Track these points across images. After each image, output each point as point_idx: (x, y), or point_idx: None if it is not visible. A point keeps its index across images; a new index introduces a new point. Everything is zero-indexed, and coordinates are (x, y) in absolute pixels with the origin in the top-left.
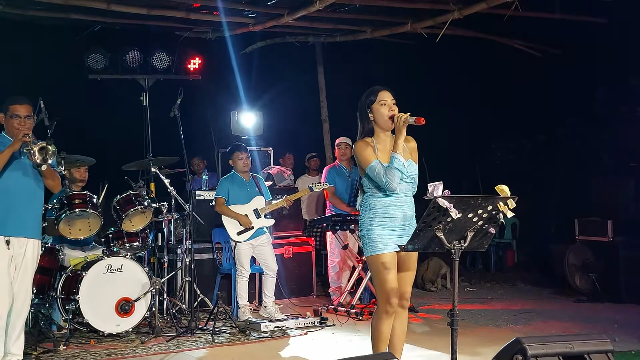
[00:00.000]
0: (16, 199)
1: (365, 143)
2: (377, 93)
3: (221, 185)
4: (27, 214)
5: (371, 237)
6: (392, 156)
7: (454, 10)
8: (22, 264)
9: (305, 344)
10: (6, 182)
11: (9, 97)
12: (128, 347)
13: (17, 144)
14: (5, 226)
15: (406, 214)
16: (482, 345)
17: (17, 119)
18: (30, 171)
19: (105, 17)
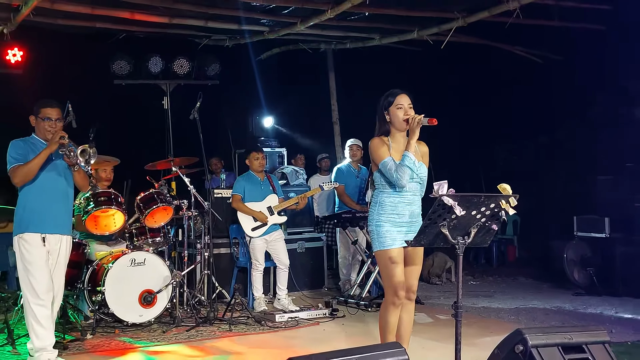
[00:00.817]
0: (51, 197)
1: (381, 141)
2: (395, 96)
3: (238, 184)
4: (61, 212)
5: (380, 232)
6: (404, 154)
7: (458, 18)
8: (57, 259)
9: (317, 334)
10: (42, 182)
11: (40, 100)
12: (150, 336)
13: (54, 146)
14: (43, 224)
15: (413, 211)
16: (484, 336)
17: (48, 121)
18: (62, 171)
19: (129, 26)
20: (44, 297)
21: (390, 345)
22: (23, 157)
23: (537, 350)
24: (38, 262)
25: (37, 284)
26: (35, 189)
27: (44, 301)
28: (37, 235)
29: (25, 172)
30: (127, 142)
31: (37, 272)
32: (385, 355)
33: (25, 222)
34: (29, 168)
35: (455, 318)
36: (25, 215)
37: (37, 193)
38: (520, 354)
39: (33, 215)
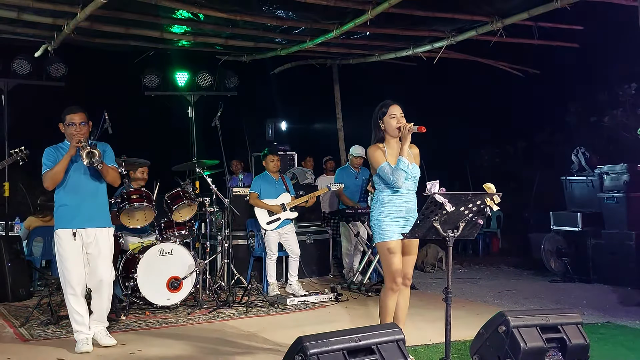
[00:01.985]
0: (81, 195)
1: (377, 147)
2: (389, 107)
3: (255, 183)
4: (93, 207)
5: (380, 226)
6: (399, 159)
7: (449, 37)
8: (95, 250)
9: (324, 316)
10: (72, 182)
11: (66, 108)
12: (177, 317)
13: (72, 150)
14: (74, 220)
15: (410, 207)
16: (471, 317)
17: (73, 126)
18: (91, 170)
19: (159, 44)
20: (75, 288)
21: (388, 326)
22: (53, 163)
23: (517, 330)
24: (69, 256)
25: (69, 276)
26: (66, 189)
27: (74, 290)
28: (68, 231)
29: (51, 176)
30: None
31: (69, 265)
32: (384, 335)
33: (58, 219)
34: (54, 173)
35: (446, 302)
36: (58, 214)
37: (68, 192)
38: (503, 334)
39: (64, 213)
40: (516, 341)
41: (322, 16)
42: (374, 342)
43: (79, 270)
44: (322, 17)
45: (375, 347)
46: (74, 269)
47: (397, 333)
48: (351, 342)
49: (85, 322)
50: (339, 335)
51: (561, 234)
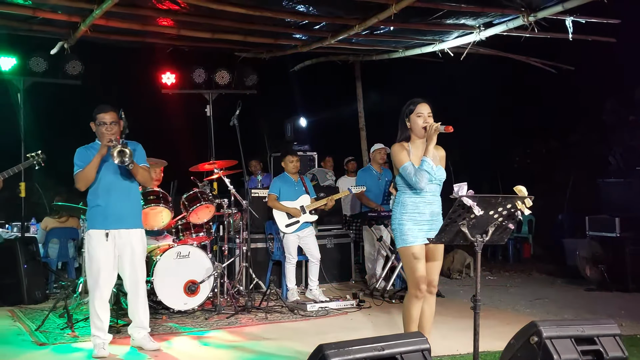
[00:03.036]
0: (114, 196)
1: (402, 146)
2: (416, 105)
3: (274, 184)
4: (125, 208)
5: (402, 230)
6: (423, 159)
7: (477, 32)
8: (128, 252)
9: (345, 323)
10: (104, 182)
11: (96, 107)
12: (194, 322)
13: (103, 149)
14: (106, 221)
15: (433, 210)
16: (501, 327)
17: (103, 125)
18: (123, 170)
19: (176, 41)
20: (103, 290)
21: (413, 335)
22: (85, 163)
23: (550, 341)
24: (100, 257)
25: (98, 277)
26: (99, 189)
27: (102, 293)
28: (101, 232)
29: (83, 177)
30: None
31: (99, 267)
32: (408, 344)
33: (91, 220)
34: (86, 173)
35: (474, 310)
36: (90, 214)
37: (100, 193)
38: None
39: (96, 214)
40: (549, 353)
41: (344, 11)
42: (398, 351)
43: (109, 273)
44: (344, 11)
45: (399, 356)
46: (104, 271)
47: (423, 342)
48: (374, 351)
49: (104, 327)
50: (361, 344)
51: (597, 240)
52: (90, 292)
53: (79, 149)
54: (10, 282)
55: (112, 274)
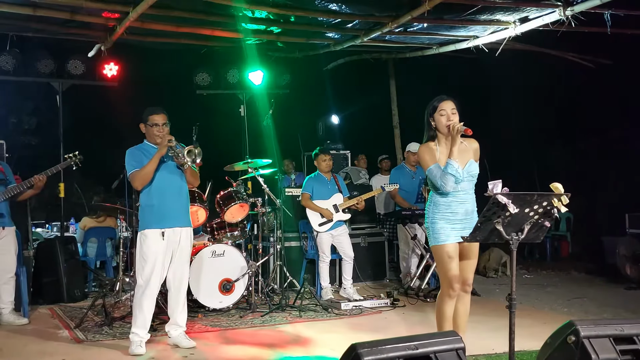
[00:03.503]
0: (167, 195)
1: (428, 147)
2: (439, 103)
3: (307, 183)
4: (178, 207)
5: (435, 229)
6: (448, 162)
7: (513, 27)
8: (178, 249)
9: (379, 322)
10: (158, 182)
11: (147, 108)
12: (229, 320)
13: (163, 149)
14: (163, 220)
15: (467, 208)
16: (537, 326)
17: (156, 127)
18: (175, 170)
19: (210, 41)
20: (154, 288)
21: (447, 334)
22: (139, 163)
23: (588, 340)
24: (154, 256)
25: (151, 275)
26: (153, 189)
27: (152, 291)
28: (157, 231)
29: (142, 176)
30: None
31: (151, 265)
32: (443, 343)
33: (146, 219)
34: (145, 172)
35: (510, 309)
36: (145, 214)
37: (155, 192)
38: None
39: (152, 213)
40: (587, 353)
41: (376, 8)
42: (432, 350)
43: (161, 271)
44: (377, 9)
45: (433, 355)
46: (157, 270)
47: (457, 341)
48: (408, 350)
49: (146, 325)
50: (395, 343)
51: (637, 237)
52: (140, 290)
53: (129, 149)
54: (50, 280)
55: (163, 272)
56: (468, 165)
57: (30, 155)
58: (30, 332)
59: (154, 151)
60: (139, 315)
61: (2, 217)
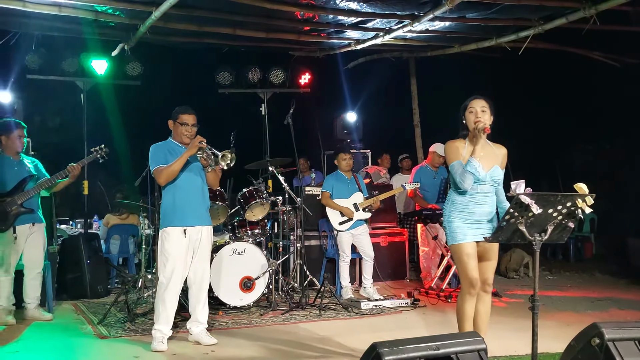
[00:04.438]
0: (190, 194)
1: (454, 144)
2: (470, 101)
3: (327, 182)
4: (200, 206)
5: (451, 228)
6: (469, 160)
7: (536, 26)
8: (199, 247)
9: (400, 322)
10: (181, 181)
11: (178, 107)
12: (250, 318)
13: (193, 149)
14: (185, 218)
15: (484, 211)
16: (561, 328)
17: (185, 126)
18: (198, 170)
19: (231, 41)
20: (176, 285)
21: (468, 334)
22: (164, 160)
23: (613, 343)
24: (176, 254)
25: (173, 274)
26: (176, 188)
27: (176, 288)
28: (179, 229)
29: (168, 173)
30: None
31: (172, 263)
32: (464, 343)
33: (168, 217)
34: (172, 169)
35: (532, 311)
36: (168, 211)
37: (178, 191)
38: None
39: (175, 211)
40: (612, 356)
41: (398, 7)
42: (454, 350)
43: (183, 269)
44: (398, 8)
45: (454, 356)
46: (179, 267)
47: (479, 342)
48: (429, 350)
49: (168, 322)
50: (416, 343)
51: None
52: (162, 287)
53: (154, 145)
54: (74, 276)
55: (185, 270)
56: (492, 169)
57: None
58: (54, 327)
59: (179, 149)
60: (161, 312)
61: (33, 212)
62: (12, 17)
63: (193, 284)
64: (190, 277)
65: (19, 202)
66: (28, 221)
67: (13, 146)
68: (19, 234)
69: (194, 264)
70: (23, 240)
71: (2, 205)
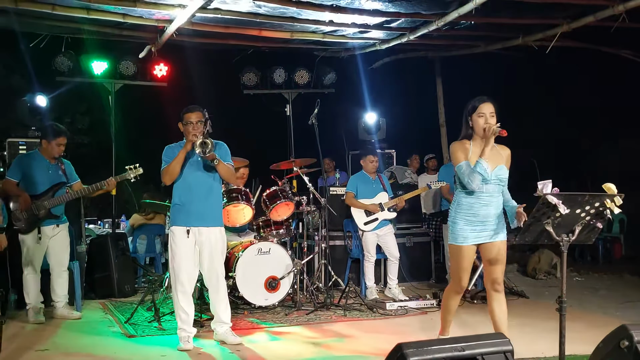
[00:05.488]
0: (196, 194)
1: (461, 144)
2: (479, 104)
3: (351, 182)
4: (206, 206)
5: (454, 229)
6: (477, 161)
7: (563, 24)
8: (207, 248)
9: (425, 322)
10: (188, 180)
11: (185, 107)
12: (274, 318)
13: (188, 144)
14: (188, 218)
15: (489, 212)
16: (588, 331)
17: (190, 125)
18: (207, 169)
19: (257, 42)
20: (185, 284)
21: (495, 335)
22: (171, 160)
23: None
24: (181, 253)
25: (180, 272)
26: (182, 187)
27: (184, 287)
28: (182, 229)
29: (168, 171)
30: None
31: (180, 262)
32: (490, 345)
33: (173, 216)
34: (170, 169)
35: (560, 312)
36: (173, 211)
37: (183, 190)
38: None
39: (180, 211)
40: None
41: (423, 7)
42: (479, 352)
43: (190, 268)
44: (424, 7)
45: (480, 357)
46: (185, 266)
47: (505, 344)
48: (454, 352)
49: (189, 320)
50: (441, 344)
51: None
52: (173, 287)
53: (167, 146)
54: (102, 275)
55: (193, 269)
56: (497, 168)
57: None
58: (82, 325)
59: None
60: (180, 312)
61: (57, 219)
62: (41, 19)
63: (209, 285)
64: (205, 278)
65: (47, 206)
66: (52, 222)
67: (51, 152)
68: (43, 235)
69: (205, 266)
70: (47, 240)
71: (31, 208)
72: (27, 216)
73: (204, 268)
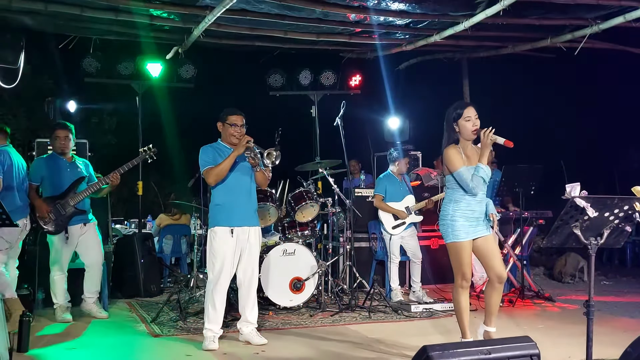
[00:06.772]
0: (238, 194)
1: (456, 149)
2: (463, 109)
3: (380, 184)
4: (247, 207)
5: (455, 226)
6: (478, 166)
7: (592, 25)
8: (247, 248)
9: (450, 325)
10: (229, 181)
11: (226, 109)
12: (299, 319)
13: (241, 149)
14: (231, 218)
15: (482, 208)
16: (616, 334)
17: (234, 127)
18: (246, 171)
19: (283, 43)
20: (224, 284)
21: (521, 339)
22: (213, 160)
23: None
24: (223, 253)
25: (220, 272)
26: (224, 188)
27: (222, 287)
28: (227, 229)
29: (217, 173)
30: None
31: (223, 261)
32: (517, 348)
33: (216, 217)
34: (221, 169)
35: (587, 316)
36: (215, 211)
37: (226, 191)
38: None
39: (223, 211)
40: None
41: (450, 7)
42: (506, 355)
43: (230, 267)
44: (450, 8)
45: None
46: (227, 266)
47: (532, 347)
48: (480, 355)
49: (218, 320)
50: (467, 347)
51: None
52: (210, 285)
53: (204, 147)
54: (129, 275)
55: (232, 269)
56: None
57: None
58: (108, 324)
59: (228, 150)
60: (211, 310)
61: (84, 214)
62: (70, 21)
63: (242, 284)
64: (239, 277)
65: (72, 203)
66: (79, 222)
67: (56, 146)
68: (71, 234)
69: (242, 264)
70: (75, 240)
71: (57, 208)
72: (54, 217)
73: (242, 267)
